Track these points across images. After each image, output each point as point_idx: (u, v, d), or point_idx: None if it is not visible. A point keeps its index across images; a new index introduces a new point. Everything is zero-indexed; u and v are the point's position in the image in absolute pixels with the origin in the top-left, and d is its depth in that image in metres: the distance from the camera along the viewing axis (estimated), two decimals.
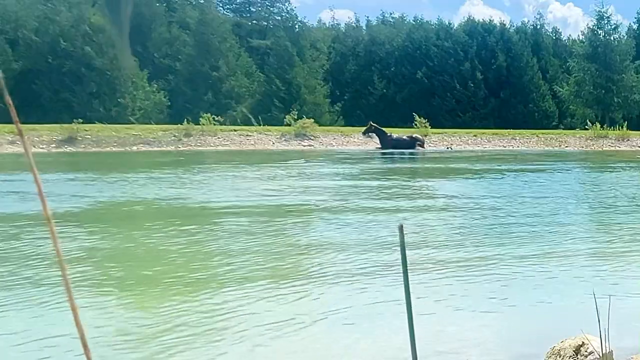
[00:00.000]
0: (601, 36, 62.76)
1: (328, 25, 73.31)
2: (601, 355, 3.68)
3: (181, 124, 39.73)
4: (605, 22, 63.04)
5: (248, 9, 68.52)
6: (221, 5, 66.91)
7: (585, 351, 4.19)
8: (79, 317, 1.19)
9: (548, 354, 4.46)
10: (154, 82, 54.15)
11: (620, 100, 61.80)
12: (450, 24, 70.19)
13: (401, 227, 1.88)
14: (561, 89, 64.38)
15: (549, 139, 46.03)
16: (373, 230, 10.28)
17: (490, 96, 64.30)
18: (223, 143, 38.99)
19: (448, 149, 40.81)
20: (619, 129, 47.72)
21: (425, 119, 45.15)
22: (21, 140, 1.23)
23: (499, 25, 69.17)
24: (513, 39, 66.90)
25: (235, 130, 41.48)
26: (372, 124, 39.17)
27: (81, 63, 49.88)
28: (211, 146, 38.05)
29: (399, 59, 65.37)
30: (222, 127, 41.56)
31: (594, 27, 63.43)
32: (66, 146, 35.00)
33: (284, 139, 40.75)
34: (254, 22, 67.36)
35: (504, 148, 42.45)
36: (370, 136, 39.82)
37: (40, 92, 48.87)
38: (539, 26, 71.97)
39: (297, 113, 44.30)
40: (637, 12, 77.98)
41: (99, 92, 50.14)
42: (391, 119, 53.58)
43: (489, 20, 70.08)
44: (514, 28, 70.08)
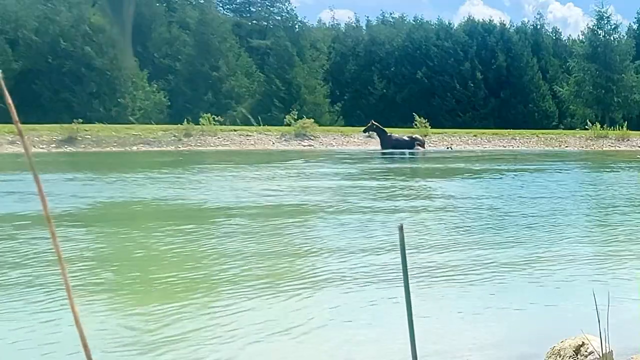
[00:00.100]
0: (601, 36, 62.79)
1: (328, 25, 73.43)
2: (601, 355, 3.68)
3: (181, 124, 39.77)
4: (605, 22, 63.12)
5: (248, 9, 68.54)
6: (221, 5, 67.01)
7: (585, 351, 4.19)
8: (78, 316, 1.19)
9: (548, 354, 4.46)
10: (154, 82, 54.18)
11: (620, 100, 61.83)
12: (450, 24, 70.37)
13: (401, 227, 1.88)
14: (561, 89, 64.41)
15: (549, 139, 46.03)
16: (372, 230, 10.28)
17: (490, 96, 64.33)
18: (223, 143, 38.99)
19: (448, 149, 40.82)
20: (619, 129, 47.74)
21: (425, 119, 45.17)
22: (21, 140, 1.23)
23: (499, 25, 69.29)
24: (513, 39, 66.94)
25: (235, 130, 41.50)
26: (374, 123, 39.17)
27: (81, 63, 49.90)
28: (211, 146, 38.05)
29: (399, 59, 65.40)
30: (222, 127, 41.58)
31: (594, 27, 63.48)
32: (66, 146, 35.01)
33: (284, 139, 40.75)
34: (254, 22, 67.38)
35: (504, 148, 42.45)
36: (370, 135, 39.83)
37: (40, 92, 48.88)
38: (539, 26, 72.05)
39: (297, 113, 44.34)
40: (637, 12, 78.15)
41: (99, 92, 50.17)
42: (391, 119, 53.59)
43: (489, 20, 70.23)
44: (514, 28, 70.17)
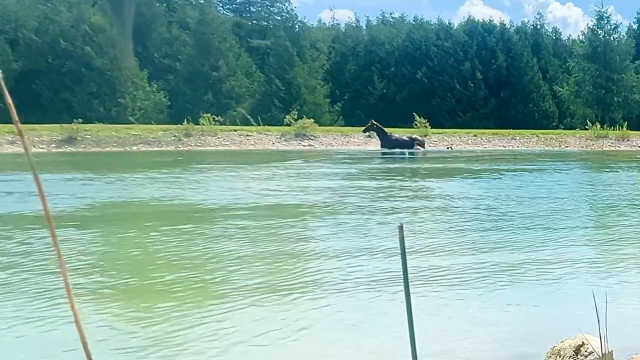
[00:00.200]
0: (601, 36, 62.77)
1: (328, 25, 73.38)
2: (601, 355, 3.68)
3: (181, 124, 39.76)
4: (605, 22, 63.08)
5: (248, 9, 68.53)
6: (221, 5, 66.98)
7: (585, 351, 4.19)
8: (78, 315, 1.19)
9: (548, 354, 4.46)
10: (154, 82, 54.17)
11: (620, 100, 61.80)
12: (450, 24, 70.31)
13: (401, 227, 1.88)
14: (561, 89, 64.39)
15: (549, 139, 46.03)
16: (371, 230, 10.27)
17: (490, 96, 64.32)
18: (223, 143, 38.99)
19: (448, 149, 40.80)
20: (619, 129, 47.72)
21: (425, 119, 45.15)
22: (21, 140, 1.23)
23: (499, 25, 69.25)
24: (513, 39, 66.92)
25: (235, 130, 41.49)
26: (374, 123, 39.15)
27: (81, 63, 49.89)
28: (211, 146, 38.05)
29: (399, 59, 65.38)
30: (222, 127, 41.57)
31: (593, 27, 63.45)
32: (66, 146, 35.01)
33: (284, 139, 40.75)
34: (254, 22, 67.37)
35: (504, 148, 42.45)
36: (370, 135, 39.81)
37: (40, 92, 48.87)
38: (539, 26, 72.02)
39: (297, 113, 44.33)
40: (637, 12, 78.09)
41: (99, 92, 50.16)
42: (391, 119, 53.57)
43: (489, 20, 70.19)
44: (514, 28, 70.13)
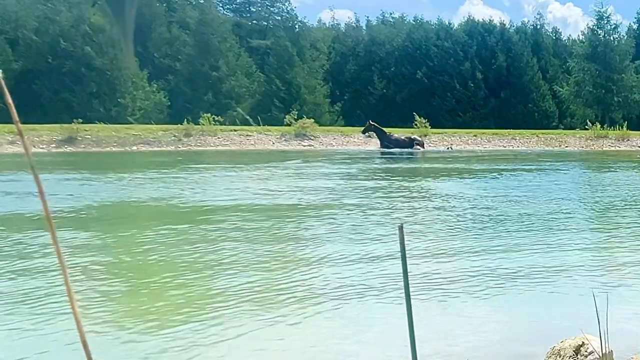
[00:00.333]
0: (601, 36, 62.77)
1: (328, 25, 73.43)
2: (601, 355, 3.68)
3: (181, 124, 39.77)
4: (605, 22, 63.10)
5: (248, 9, 68.56)
6: (221, 5, 67.02)
7: (585, 351, 4.19)
8: (78, 315, 1.19)
9: (548, 354, 4.46)
10: (154, 82, 54.19)
11: (620, 100, 61.81)
12: (450, 24, 70.36)
13: (401, 227, 1.88)
14: (561, 89, 64.39)
15: (549, 139, 46.03)
16: (370, 230, 10.27)
17: (490, 96, 64.33)
18: (223, 143, 38.99)
19: (448, 149, 40.80)
20: (619, 129, 47.73)
21: (425, 119, 45.17)
22: (21, 140, 1.23)
23: (498, 25, 69.27)
24: (513, 39, 66.93)
25: (235, 130, 41.50)
26: (371, 123, 39.16)
27: (81, 63, 49.91)
28: (211, 146, 38.05)
29: (399, 59, 65.38)
30: (222, 127, 41.58)
31: (593, 27, 63.47)
32: (66, 146, 35.01)
33: (284, 139, 40.75)
34: (254, 22, 67.39)
35: (504, 148, 42.45)
36: (370, 135, 39.82)
37: (40, 92, 48.88)
38: (538, 26, 72.04)
39: (297, 113, 44.34)
40: (637, 12, 78.14)
41: (99, 92, 50.17)
42: (391, 119, 53.59)
43: (489, 20, 70.20)
44: (514, 28, 70.16)
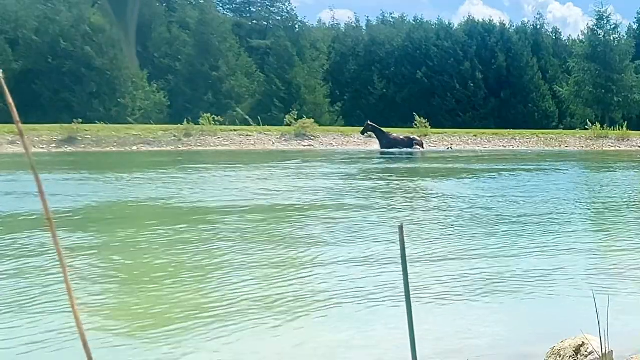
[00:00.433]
0: (601, 36, 62.78)
1: (328, 25, 73.45)
2: (601, 355, 3.68)
3: (181, 124, 39.78)
4: (605, 22, 63.11)
5: (248, 9, 68.57)
6: (221, 5, 67.05)
7: (585, 351, 4.19)
8: (78, 315, 1.19)
9: (548, 354, 4.46)
10: (154, 82, 54.20)
11: (620, 100, 61.82)
12: (450, 24, 70.35)
13: (401, 227, 1.88)
14: (561, 89, 64.39)
15: (549, 139, 46.03)
16: (369, 229, 10.27)
17: (490, 96, 64.33)
18: (223, 143, 39.00)
19: (448, 149, 40.80)
20: (619, 129, 47.73)
21: (425, 119, 45.18)
22: (21, 140, 1.23)
23: (498, 25, 69.27)
24: (513, 39, 66.93)
25: (235, 130, 41.50)
26: (369, 123, 39.16)
27: (81, 63, 49.92)
28: (211, 146, 38.05)
29: (399, 59, 65.38)
30: (222, 127, 41.59)
31: (593, 27, 63.49)
32: (66, 146, 35.01)
33: (284, 139, 40.75)
34: (254, 22, 67.41)
35: (504, 148, 42.46)
36: (370, 136, 39.83)
37: (40, 92, 48.89)
38: (538, 26, 72.05)
39: (297, 113, 44.35)
40: (637, 12, 78.10)
41: (99, 92, 50.18)
42: (391, 119, 53.60)
43: (489, 20, 70.21)
44: (513, 28, 70.16)
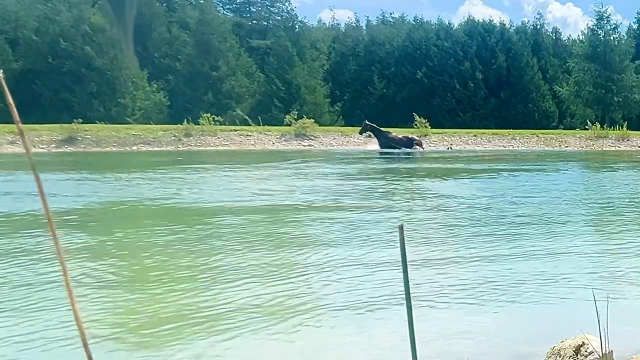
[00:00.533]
0: (601, 36, 62.77)
1: (328, 25, 73.43)
2: (601, 355, 3.68)
3: (181, 124, 39.77)
4: (605, 22, 63.10)
5: (248, 9, 68.57)
6: (221, 5, 67.03)
7: (585, 351, 4.19)
8: (79, 315, 1.19)
9: (548, 354, 4.46)
10: (154, 82, 54.19)
11: (620, 100, 61.81)
12: (450, 24, 70.32)
13: (401, 227, 1.88)
14: (561, 89, 64.39)
15: (549, 139, 46.02)
16: (368, 229, 10.27)
17: (490, 96, 64.32)
18: (223, 143, 38.99)
19: (448, 149, 40.79)
20: (619, 129, 47.71)
21: (425, 119, 45.16)
22: (22, 140, 1.23)
23: (498, 25, 69.25)
24: (513, 39, 66.92)
25: (235, 130, 41.49)
26: (367, 123, 39.15)
27: (81, 63, 49.91)
28: (211, 146, 38.04)
29: (399, 59, 65.37)
30: (222, 127, 41.57)
31: (593, 27, 63.48)
32: (66, 146, 35.01)
33: (284, 139, 40.75)
34: (254, 22, 67.41)
35: (504, 148, 42.45)
36: (370, 136, 39.83)
37: (40, 92, 48.88)
38: (538, 26, 72.03)
39: (297, 113, 44.33)
40: (637, 12, 78.10)
41: (99, 92, 50.18)
42: (391, 119, 53.60)
43: (489, 21, 70.20)
44: (513, 28, 70.14)
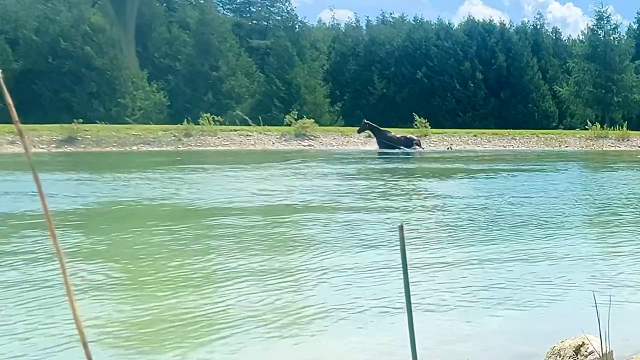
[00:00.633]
0: (601, 36, 62.76)
1: (328, 25, 73.41)
2: (601, 355, 3.68)
3: (181, 124, 39.75)
4: (605, 22, 63.08)
5: (248, 9, 68.57)
6: (221, 5, 67.02)
7: (585, 351, 4.19)
8: (78, 315, 1.19)
9: (548, 354, 4.46)
10: (154, 82, 54.19)
11: (620, 100, 61.80)
12: (450, 24, 70.28)
13: (401, 227, 1.88)
14: (561, 89, 64.38)
15: (549, 139, 46.01)
16: (368, 229, 10.27)
17: (490, 96, 64.31)
18: (223, 143, 38.98)
19: (448, 149, 40.79)
20: (619, 129, 47.70)
21: (425, 119, 45.15)
22: (21, 140, 1.23)
23: (498, 25, 69.23)
24: (513, 39, 66.91)
25: (235, 130, 41.48)
26: (366, 122, 39.14)
27: (81, 63, 49.90)
28: (211, 146, 38.04)
29: (399, 59, 65.37)
30: (222, 127, 41.56)
31: (593, 27, 63.46)
32: (66, 146, 35.00)
33: (284, 139, 40.74)
34: (254, 22, 67.41)
35: (504, 148, 42.44)
36: (370, 135, 39.83)
37: (40, 92, 48.88)
38: (538, 26, 72.01)
39: (297, 113, 44.32)
40: (637, 12, 78.09)
41: (99, 92, 50.17)
42: (391, 119, 53.58)
43: (489, 21, 70.19)
44: (513, 28, 70.12)
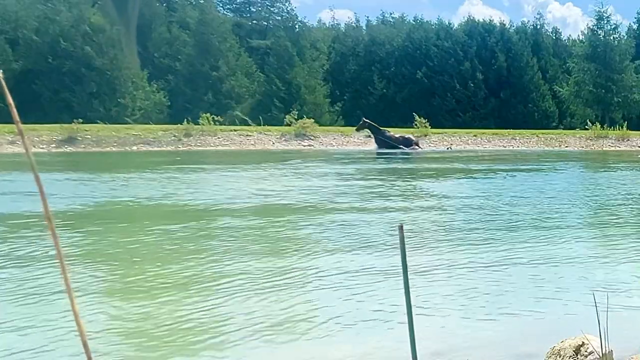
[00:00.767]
0: (601, 36, 62.79)
1: (328, 25, 73.46)
2: (601, 355, 3.68)
3: (181, 124, 39.76)
4: (605, 22, 63.12)
5: (248, 9, 68.59)
6: (221, 5, 67.05)
7: (585, 351, 4.19)
8: (79, 315, 1.19)
9: (548, 354, 4.46)
10: (154, 82, 54.20)
11: (620, 100, 61.82)
12: (450, 24, 70.34)
13: (401, 227, 1.88)
14: (561, 89, 64.39)
15: (549, 139, 46.01)
16: (368, 229, 10.26)
17: (490, 96, 64.33)
18: (223, 143, 38.99)
19: (448, 149, 40.79)
20: (619, 129, 47.71)
21: (425, 119, 45.16)
22: (21, 140, 1.24)
23: (498, 25, 69.27)
24: (513, 39, 66.94)
25: (235, 130, 41.49)
26: (365, 121, 39.13)
27: (81, 63, 49.91)
28: (211, 146, 38.04)
29: (399, 59, 65.38)
30: (222, 127, 41.57)
31: (593, 27, 63.50)
32: (66, 146, 35.00)
33: (284, 139, 40.75)
34: (254, 22, 67.44)
35: (504, 148, 42.45)
36: (370, 135, 39.83)
37: (40, 92, 48.89)
38: (538, 26, 72.04)
39: (297, 113, 44.33)
40: (637, 12, 78.12)
41: (99, 92, 50.18)
42: (391, 119, 53.59)
43: (489, 21, 70.22)
44: (513, 28, 70.16)
